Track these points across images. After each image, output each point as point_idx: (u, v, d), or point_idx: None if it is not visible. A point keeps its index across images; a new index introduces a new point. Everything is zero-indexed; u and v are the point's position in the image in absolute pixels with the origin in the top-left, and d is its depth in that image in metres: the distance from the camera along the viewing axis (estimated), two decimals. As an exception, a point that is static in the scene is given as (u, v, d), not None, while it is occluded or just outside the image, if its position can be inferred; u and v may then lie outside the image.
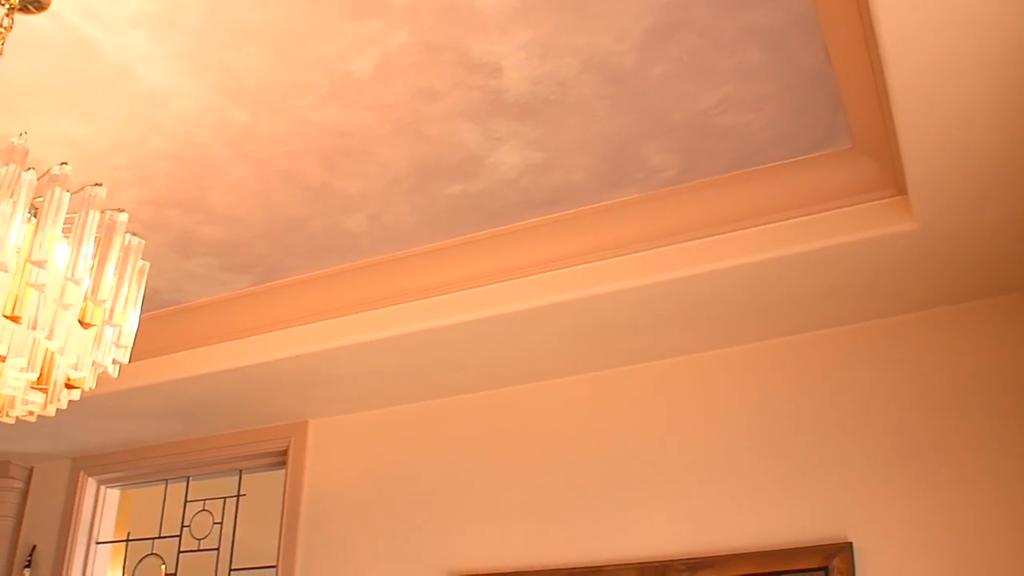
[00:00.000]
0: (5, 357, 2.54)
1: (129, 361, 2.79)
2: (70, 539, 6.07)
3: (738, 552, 4.07)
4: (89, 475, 6.20)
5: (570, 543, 4.38)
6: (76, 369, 2.69)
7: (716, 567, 4.07)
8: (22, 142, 2.50)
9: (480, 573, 4.51)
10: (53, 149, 3.64)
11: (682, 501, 4.26)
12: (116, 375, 2.80)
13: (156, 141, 3.65)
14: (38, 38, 3.18)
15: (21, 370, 2.63)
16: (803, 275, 3.84)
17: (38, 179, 2.52)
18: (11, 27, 2.97)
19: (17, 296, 2.43)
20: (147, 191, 3.94)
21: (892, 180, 3.58)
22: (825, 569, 3.90)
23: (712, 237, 3.82)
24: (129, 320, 2.69)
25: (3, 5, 2.98)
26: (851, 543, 3.94)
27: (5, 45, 2.98)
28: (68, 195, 2.51)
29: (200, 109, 3.47)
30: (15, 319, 2.43)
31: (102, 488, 6.27)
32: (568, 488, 4.47)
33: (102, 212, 2.60)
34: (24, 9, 3.03)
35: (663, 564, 4.16)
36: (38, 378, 2.69)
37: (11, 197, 2.42)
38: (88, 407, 5.12)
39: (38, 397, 2.82)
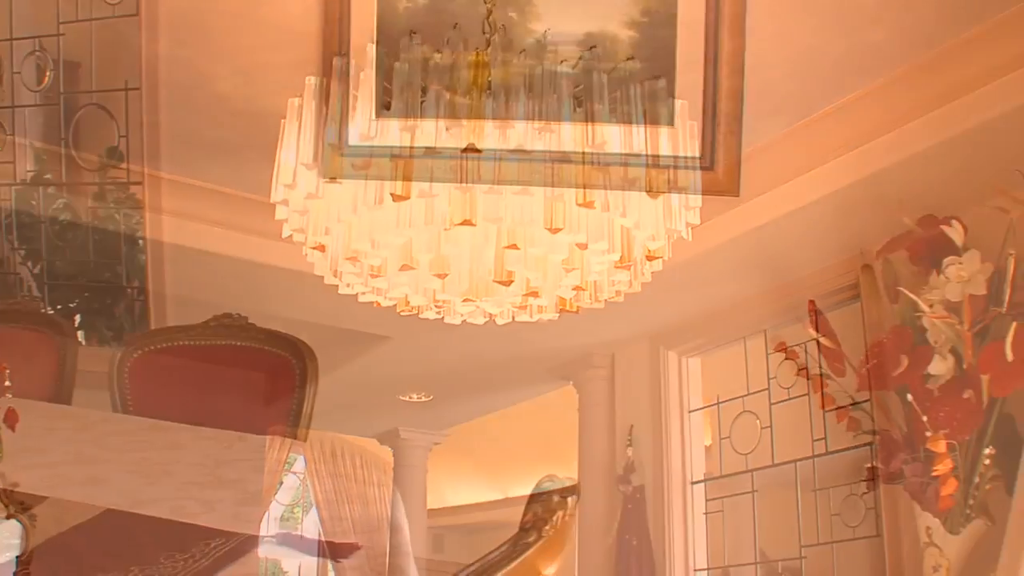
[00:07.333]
0: (586, 244, 2.66)
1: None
2: (663, 413, 6.32)
3: None
4: (668, 349, 6.40)
5: None
6: (653, 240, 2.77)
7: None
8: (546, 38, 2.59)
9: None
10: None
11: None
12: (690, 238, 2.84)
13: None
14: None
15: (603, 253, 2.73)
16: None
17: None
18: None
19: (585, 184, 2.52)
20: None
21: None
22: None
23: None
24: (692, 181, 2.72)
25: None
26: None
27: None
28: (606, 77, 2.57)
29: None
30: (589, 205, 2.52)
31: (683, 359, 6.45)
32: None
33: (640, 84, 2.63)
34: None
35: None
36: (620, 257, 2.79)
37: (554, 92, 2.51)
38: (658, 284, 5.24)
39: (623, 276, 2.94)
